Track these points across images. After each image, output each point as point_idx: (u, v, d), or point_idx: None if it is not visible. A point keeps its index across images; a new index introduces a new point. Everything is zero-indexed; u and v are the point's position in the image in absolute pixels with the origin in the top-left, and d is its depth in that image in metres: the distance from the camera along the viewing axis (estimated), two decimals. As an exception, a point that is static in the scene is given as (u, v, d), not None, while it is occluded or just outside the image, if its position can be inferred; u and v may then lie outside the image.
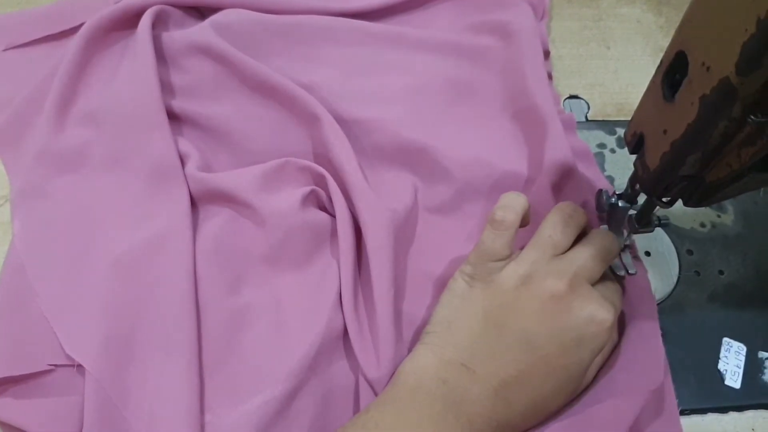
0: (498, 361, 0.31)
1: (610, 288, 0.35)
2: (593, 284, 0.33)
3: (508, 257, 0.33)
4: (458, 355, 0.31)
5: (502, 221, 0.33)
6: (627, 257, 0.39)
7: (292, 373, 0.33)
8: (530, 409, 0.31)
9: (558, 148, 0.40)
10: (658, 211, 0.38)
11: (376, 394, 0.33)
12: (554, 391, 0.31)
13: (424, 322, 0.35)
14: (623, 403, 0.33)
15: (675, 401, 0.35)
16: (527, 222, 0.35)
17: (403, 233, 0.39)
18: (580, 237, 0.35)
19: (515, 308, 0.32)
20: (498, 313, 0.32)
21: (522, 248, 0.34)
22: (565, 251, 0.34)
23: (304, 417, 0.33)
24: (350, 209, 0.39)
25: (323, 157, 0.42)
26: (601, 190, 0.38)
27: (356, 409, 0.34)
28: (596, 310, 0.31)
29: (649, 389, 0.33)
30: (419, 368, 0.31)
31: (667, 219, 0.38)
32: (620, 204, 0.37)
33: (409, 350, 0.34)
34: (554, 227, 0.34)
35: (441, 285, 0.38)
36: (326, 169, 0.41)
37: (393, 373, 0.33)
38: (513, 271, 0.33)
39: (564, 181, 0.40)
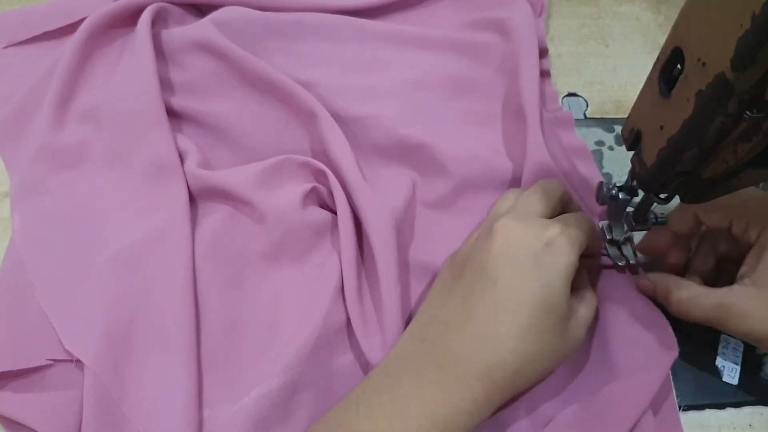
0: (467, 305, 0.31)
1: (568, 216, 0.35)
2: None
3: None
4: (430, 312, 0.33)
5: None
6: (628, 249, 0.39)
7: (288, 366, 0.33)
8: (520, 346, 0.29)
9: (534, 153, 0.41)
10: (656, 208, 0.38)
11: None
12: (536, 321, 0.30)
13: None
14: (643, 377, 0.34)
15: (674, 398, 0.35)
16: None
17: (403, 228, 0.39)
18: None
19: (472, 257, 0.33)
20: (459, 266, 0.33)
21: None
22: None
23: (304, 410, 0.33)
24: (350, 205, 0.39)
25: (322, 154, 0.42)
26: (601, 182, 0.38)
27: None
28: (539, 230, 0.32)
29: (667, 364, 0.34)
30: (402, 338, 0.33)
31: (665, 217, 0.38)
32: (621, 196, 0.37)
33: None
34: (498, 200, 0.38)
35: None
36: (326, 166, 0.41)
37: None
38: (469, 238, 0.35)
39: None
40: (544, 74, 0.49)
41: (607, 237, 0.39)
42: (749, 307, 0.31)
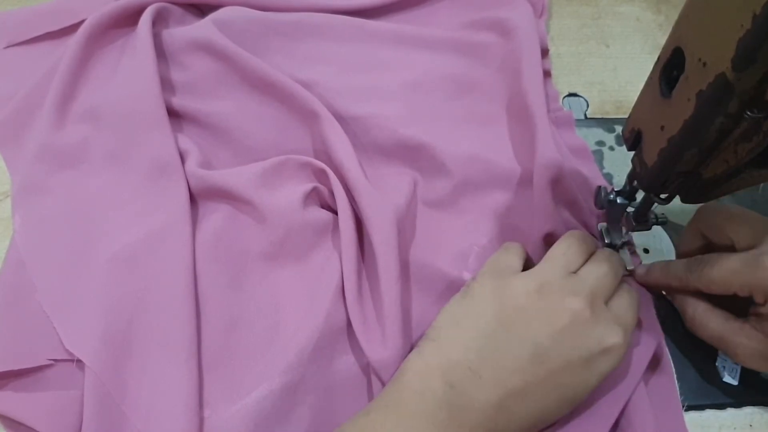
0: (504, 369, 0.30)
1: (624, 305, 0.34)
2: (608, 300, 0.34)
3: (519, 267, 0.34)
4: (465, 356, 0.30)
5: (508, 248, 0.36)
6: (625, 254, 0.39)
7: (290, 366, 0.33)
8: (531, 422, 0.30)
9: (546, 150, 0.40)
10: (656, 208, 0.38)
11: (381, 379, 0.33)
12: (556, 407, 0.31)
13: (420, 316, 0.35)
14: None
15: (678, 396, 0.36)
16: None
17: (405, 227, 0.39)
18: None
19: (527, 315, 0.31)
20: (508, 315, 0.31)
21: None
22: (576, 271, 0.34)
23: (305, 411, 0.33)
24: (352, 205, 0.39)
25: (323, 154, 0.42)
26: (599, 187, 0.38)
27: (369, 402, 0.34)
28: (606, 333, 0.31)
29: (652, 347, 0.35)
30: (426, 369, 0.31)
31: (665, 217, 0.38)
32: (618, 201, 0.37)
33: (412, 343, 0.34)
34: (568, 247, 0.35)
35: (438, 279, 0.38)
36: (326, 165, 0.41)
37: (399, 355, 0.33)
38: (528, 278, 0.33)
39: (555, 183, 0.40)
40: (545, 74, 0.49)
41: (606, 241, 0.39)
42: (747, 345, 0.32)
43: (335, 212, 0.40)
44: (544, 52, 0.50)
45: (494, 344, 0.31)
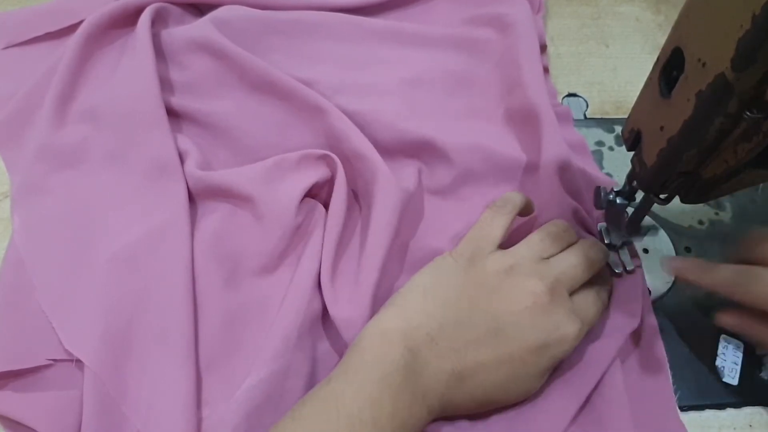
0: (461, 339, 0.31)
1: (589, 300, 0.35)
2: (574, 292, 0.34)
3: (500, 240, 0.35)
4: (426, 322, 0.31)
5: (502, 206, 0.36)
6: (625, 254, 0.39)
7: (277, 353, 0.33)
8: (480, 394, 0.31)
9: (554, 142, 0.40)
10: (656, 208, 0.38)
11: (344, 339, 0.34)
12: (507, 383, 0.31)
13: None
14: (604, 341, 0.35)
15: (673, 394, 0.35)
16: (529, 211, 0.38)
17: (410, 212, 0.40)
18: None
19: (492, 291, 0.32)
20: (474, 291, 0.33)
21: None
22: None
23: (294, 397, 0.33)
24: (354, 189, 0.40)
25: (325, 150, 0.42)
26: (599, 187, 0.38)
27: None
28: (564, 322, 0.32)
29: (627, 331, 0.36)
30: (386, 332, 0.31)
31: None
32: (618, 201, 0.37)
33: None
34: (547, 235, 0.36)
35: (432, 258, 0.37)
36: (327, 163, 0.41)
37: (366, 316, 0.34)
38: (500, 258, 0.34)
39: (561, 174, 0.40)
40: (544, 71, 0.49)
41: (606, 241, 0.39)
42: None
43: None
44: (542, 49, 0.50)
45: (455, 315, 0.32)
